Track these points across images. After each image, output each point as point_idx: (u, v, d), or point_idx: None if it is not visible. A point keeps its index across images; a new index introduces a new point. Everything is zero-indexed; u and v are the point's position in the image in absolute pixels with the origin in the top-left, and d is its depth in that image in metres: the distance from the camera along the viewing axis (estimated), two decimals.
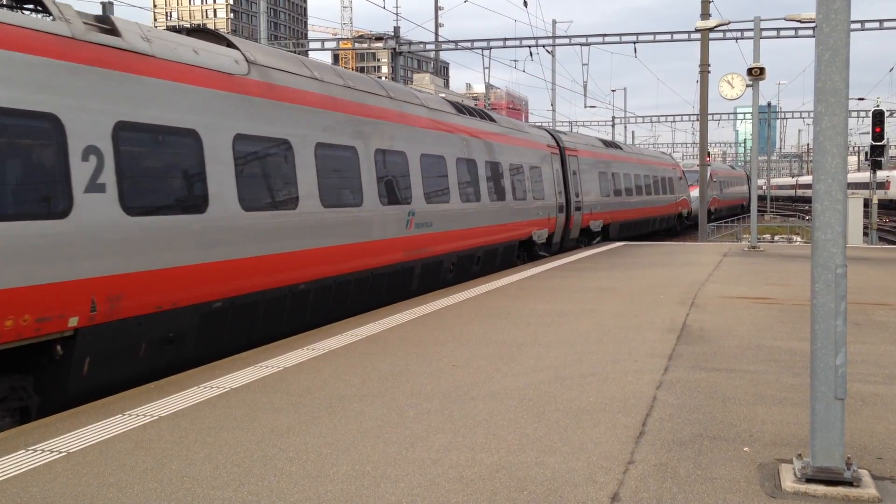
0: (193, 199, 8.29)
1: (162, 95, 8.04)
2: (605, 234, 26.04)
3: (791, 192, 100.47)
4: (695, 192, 39.46)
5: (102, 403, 6.27)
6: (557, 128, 54.63)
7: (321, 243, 10.42)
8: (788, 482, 4.37)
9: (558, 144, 22.57)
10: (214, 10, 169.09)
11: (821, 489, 4.28)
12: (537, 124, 31.89)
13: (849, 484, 4.30)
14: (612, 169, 27.01)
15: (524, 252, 19.34)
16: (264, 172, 9.54)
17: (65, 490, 4.43)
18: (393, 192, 12.51)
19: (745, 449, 4.97)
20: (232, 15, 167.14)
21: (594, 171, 25.12)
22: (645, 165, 32.24)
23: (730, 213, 54.44)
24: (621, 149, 29.93)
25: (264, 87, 9.81)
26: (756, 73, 21.29)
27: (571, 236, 22.90)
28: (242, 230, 8.94)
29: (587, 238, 24.48)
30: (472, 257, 15.79)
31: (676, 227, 37.60)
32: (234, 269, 8.81)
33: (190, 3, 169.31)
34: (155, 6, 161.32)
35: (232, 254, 8.76)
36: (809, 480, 4.35)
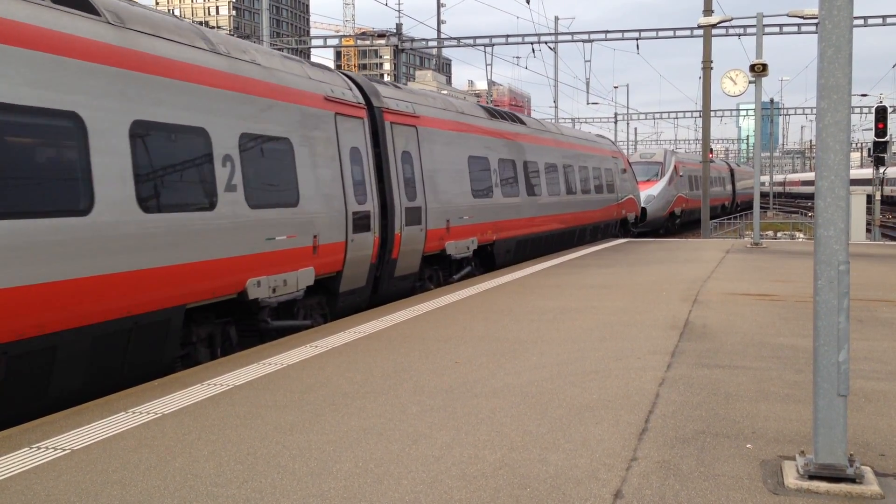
0: None
1: None
2: (489, 260, 16.51)
3: (780, 189, 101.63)
4: (650, 191, 33.85)
5: (106, 401, 6.28)
6: (560, 123, 48.82)
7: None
8: (791, 479, 4.37)
9: (367, 102, 12.30)
10: (217, 8, 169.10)
11: (823, 486, 4.28)
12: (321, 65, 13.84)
13: (851, 481, 4.30)
14: (501, 153, 17.29)
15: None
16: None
17: (69, 487, 4.44)
18: None
19: (748, 446, 4.97)
20: (234, 12, 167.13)
21: (458, 155, 15.11)
22: (565, 151, 22.06)
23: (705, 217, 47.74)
24: (522, 123, 19.60)
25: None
26: (759, 70, 21.26)
27: (400, 271, 12.63)
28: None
29: (445, 270, 14.67)
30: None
31: (619, 235, 27.26)
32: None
33: (192, 1, 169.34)
34: (157, 3, 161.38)
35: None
36: (812, 477, 4.35)
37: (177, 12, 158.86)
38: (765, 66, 21.21)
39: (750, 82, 23.36)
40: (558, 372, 6.95)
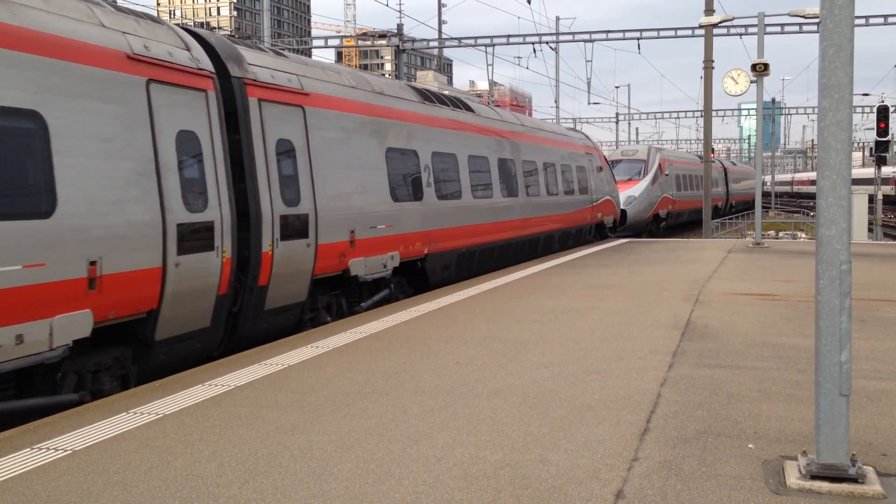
0: None
1: None
2: (421, 279, 13.32)
3: (788, 189, 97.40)
4: (631, 191, 30.86)
5: (106, 402, 6.28)
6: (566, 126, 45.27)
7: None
8: (793, 479, 4.36)
9: (220, 69, 9.23)
10: (218, 9, 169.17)
11: (825, 486, 4.27)
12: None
13: (853, 481, 4.29)
14: (436, 146, 14.01)
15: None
16: None
17: (70, 488, 4.44)
18: None
19: (750, 446, 4.96)
20: (235, 13, 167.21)
21: (371, 147, 11.86)
22: (527, 146, 18.74)
23: (694, 220, 40.26)
24: (469, 111, 16.21)
25: None
26: (760, 69, 21.25)
27: (274, 302, 9.56)
28: None
29: (352, 296, 11.47)
30: None
31: (593, 241, 23.90)
32: None
33: (193, 2, 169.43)
34: (158, 4, 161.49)
35: None
36: (814, 477, 4.34)
37: (177, 13, 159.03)
38: (766, 66, 21.20)
39: (751, 82, 23.35)
40: (560, 372, 6.94)
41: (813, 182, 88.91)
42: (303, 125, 10.21)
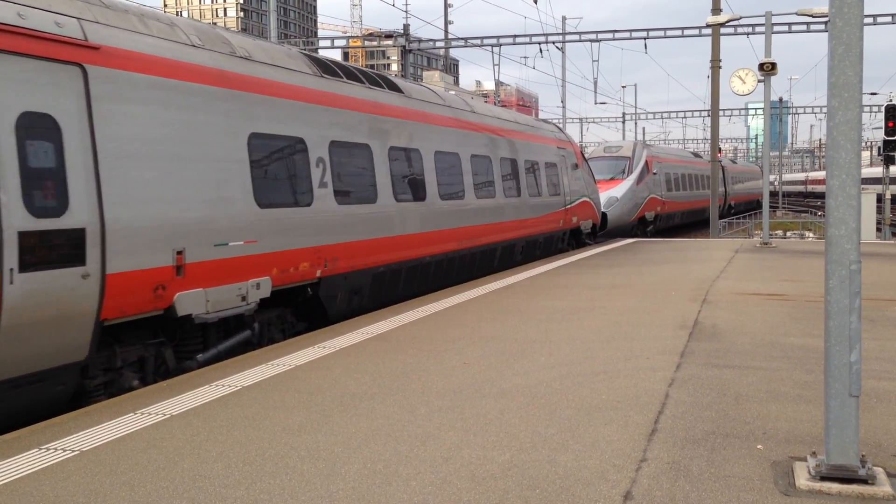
0: None
1: None
2: (316, 310, 10.20)
3: (801, 188, 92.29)
4: (613, 191, 28.14)
5: (114, 402, 6.29)
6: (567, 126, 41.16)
7: None
8: (803, 480, 4.34)
9: None
10: (224, 10, 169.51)
11: (835, 487, 4.25)
12: None
13: (863, 482, 4.26)
14: (334, 133, 10.72)
15: None
16: None
17: (77, 489, 4.44)
18: None
19: (759, 447, 4.94)
20: (242, 14, 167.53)
21: (220, 131, 8.56)
22: (476, 137, 15.52)
23: (686, 223, 37.52)
24: (397, 91, 12.98)
25: None
26: (767, 69, 21.18)
27: (11, 367, 6.12)
28: None
29: (191, 343, 8.17)
30: None
31: (568, 249, 20.84)
32: None
33: (200, 3, 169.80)
34: (165, 5, 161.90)
35: None
36: (824, 478, 4.31)
37: (184, 14, 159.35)
38: (774, 65, 21.13)
39: (759, 81, 23.27)
40: (567, 372, 6.93)
41: (799, 182, 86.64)
42: (81, 94, 6.88)
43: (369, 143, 11.50)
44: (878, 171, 51.32)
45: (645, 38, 35.58)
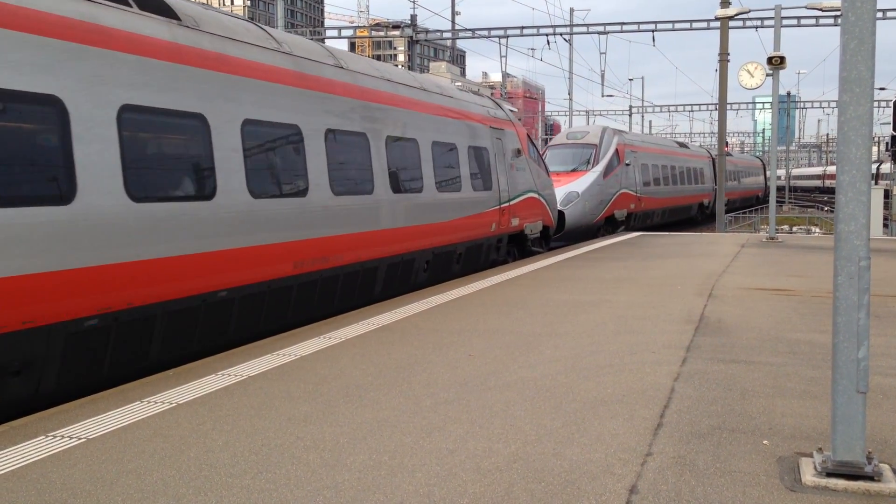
0: None
1: None
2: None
3: (818, 183, 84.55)
4: (572, 186, 23.83)
5: (121, 390, 6.31)
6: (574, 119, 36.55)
7: None
8: (808, 476, 4.34)
9: None
10: None
11: (841, 483, 4.24)
12: None
13: (870, 478, 4.26)
14: (83, 97, 6.69)
15: None
16: None
17: (84, 476, 4.46)
18: None
19: (765, 442, 4.93)
20: (249, 3, 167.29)
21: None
22: (351, 105, 10.95)
23: (668, 222, 33.08)
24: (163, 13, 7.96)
25: None
26: (776, 63, 21.08)
27: None
28: None
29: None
30: None
31: (506, 261, 16.77)
32: None
33: None
34: None
35: None
36: (830, 475, 4.31)
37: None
38: (782, 59, 21.03)
39: (767, 75, 23.17)
40: (572, 365, 6.92)
41: (816, 177, 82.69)
42: None
43: (169, 105, 7.69)
44: (885, 166, 50.28)
45: (653, 31, 35.50)
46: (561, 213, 21.73)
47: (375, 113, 11.64)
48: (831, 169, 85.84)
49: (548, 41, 37.75)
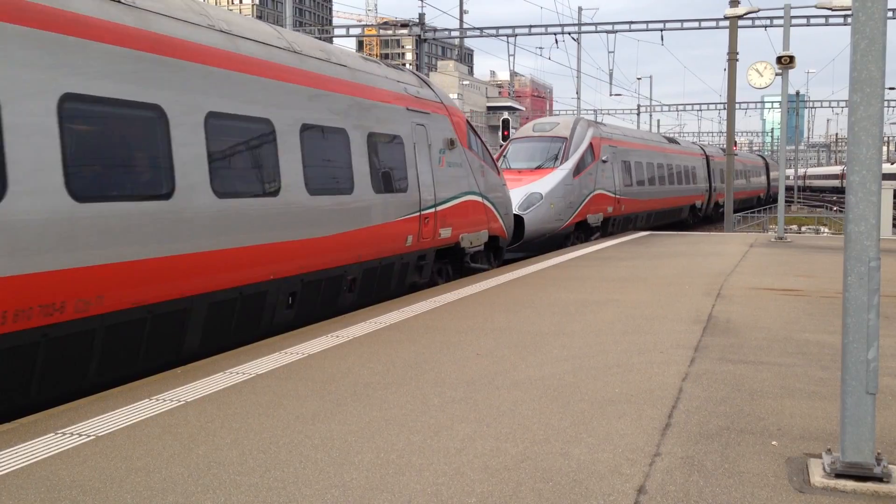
0: None
1: None
2: None
3: (836, 183, 76.23)
4: (535, 186, 20.33)
5: (130, 388, 6.33)
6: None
7: None
8: (817, 477, 4.32)
9: None
10: None
11: (850, 484, 4.23)
12: None
13: (879, 480, 4.24)
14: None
15: None
16: None
17: (94, 473, 4.48)
18: None
19: (773, 443, 4.92)
20: (258, 2, 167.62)
21: None
22: (176, 68, 7.64)
23: (654, 226, 29.33)
24: None
25: None
26: (785, 62, 21.01)
27: None
28: None
29: None
30: None
31: (432, 284, 13.09)
32: None
33: None
34: None
35: None
36: (839, 476, 4.30)
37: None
38: (792, 59, 20.96)
39: (776, 74, 23.10)
40: (580, 365, 6.92)
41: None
42: None
43: None
44: (894, 167, 48.93)
45: (661, 30, 35.43)
46: (520, 219, 18.68)
47: (228, 84, 8.36)
48: (812, 171, 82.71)
49: (556, 40, 37.71)
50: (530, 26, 36.19)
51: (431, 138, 13.07)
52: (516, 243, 18.57)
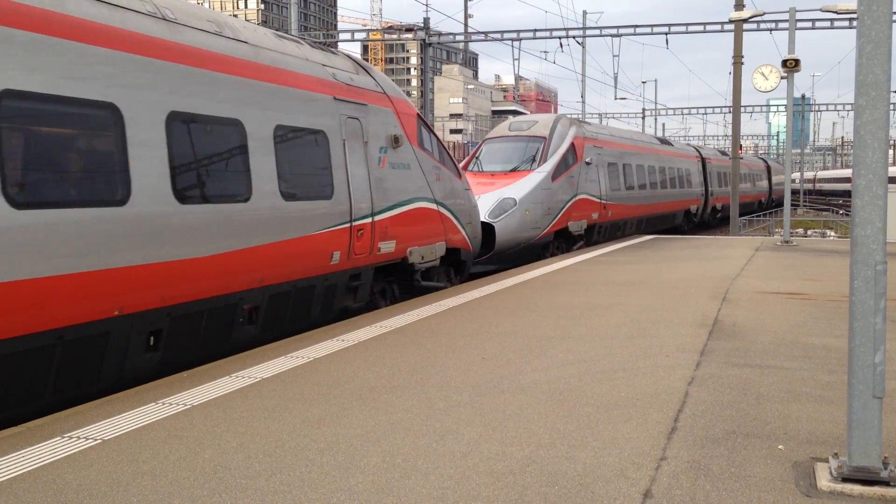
0: None
1: None
2: None
3: (849, 187, 76.84)
4: (507, 191, 18.27)
5: (136, 391, 6.34)
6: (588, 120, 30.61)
7: None
8: (824, 481, 4.31)
9: None
10: (245, 2, 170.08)
11: (857, 489, 4.22)
12: None
13: (885, 484, 4.23)
14: None
15: None
16: None
17: (100, 477, 4.49)
18: None
19: (780, 447, 4.91)
20: (262, 6, 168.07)
21: None
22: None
23: (647, 231, 27.56)
24: None
25: None
26: (791, 65, 20.99)
27: None
28: None
29: None
30: None
31: (367, 309, 10.74)
32: None
33: None
34: None
35: None
36: (846, 480, 4.28)
37: (206, 4, 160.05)
38: (797, 62, 20.93)
39: (782, 78, 23.06)
40: (586, 369, 6.91)
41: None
42: None
43: None
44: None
45: (666, 34, 35.39)
46: (490, 228, 16.96)
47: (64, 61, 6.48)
48: (823, 174, 79.84)
49: (560, 44, 37.69)
50: (535, 30, 36.20)
51: (369, 134, 10.91)
52: (486, 255, 16.84)
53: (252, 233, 8.34)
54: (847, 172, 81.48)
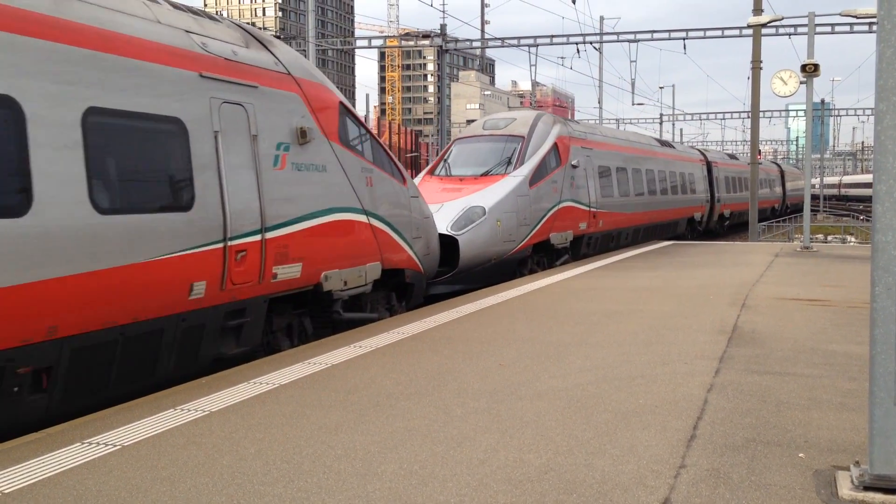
0: None
1: None
2: None
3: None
4: (472, 199, 15.78)
5: (154, 398, 6.38)
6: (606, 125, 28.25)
7: None
8: (845, 490, 4.27)
9: None
10: (263, 9, 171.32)
11: (879, 497, 4.17)
12: None
13: None
14: None
15: None
16: None
17: (119, 483, 4.51)
18: None
19: (801, 455, 4.86)
20: (280, 13, 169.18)
21: None
22: None
23: (645, 241, 24.23)
24: None
25: None
26: (810, 70, 20.84)
27: None
28: None
29: None
30: None
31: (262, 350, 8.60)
32: None
33: (239, 2, 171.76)
34: (206, 4, 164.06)
35: None
36: (867, 488, 4.24)
37: (224, 13, 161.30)
38: (816, 67, 20.78)
39: (801, 83, 22.91)
40: (603, 376, 6.89)
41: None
42: None
43: None
44: None
45: (684, 39, 35.32)
46: (453, 242, 14.53)
47: None
48: (848, 178, 77.40)
49: (577, 49, 37.68)
50: (552, 36, 36.24)
51: (260, 126, 8.43)
52: (448, 274, 14.39)
53: (30, 261, 5.81)
54: (849, 179, 79.55)
